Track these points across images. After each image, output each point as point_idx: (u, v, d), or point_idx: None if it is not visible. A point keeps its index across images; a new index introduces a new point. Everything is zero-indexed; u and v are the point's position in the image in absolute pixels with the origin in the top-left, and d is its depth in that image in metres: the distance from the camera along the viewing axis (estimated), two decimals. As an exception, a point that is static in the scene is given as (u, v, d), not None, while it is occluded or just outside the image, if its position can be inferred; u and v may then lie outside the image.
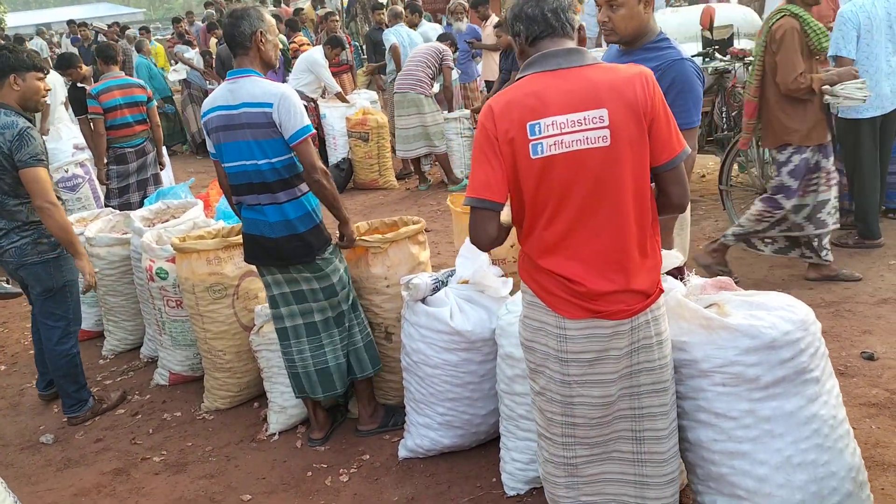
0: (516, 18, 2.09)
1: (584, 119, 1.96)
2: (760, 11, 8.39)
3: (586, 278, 2.03)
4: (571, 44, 2.07)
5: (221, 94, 3.05)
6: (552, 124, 1.96)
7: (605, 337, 2.07)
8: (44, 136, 5.77)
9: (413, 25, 9.15)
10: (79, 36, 14.07)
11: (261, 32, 3.01)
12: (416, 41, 8.56)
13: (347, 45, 9.77)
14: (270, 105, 2.93)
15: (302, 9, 12.75)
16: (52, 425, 3.94)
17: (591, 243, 2.03)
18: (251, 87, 2.99)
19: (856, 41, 4.47)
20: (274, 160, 3.01)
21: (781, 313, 2.23)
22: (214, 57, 10.30)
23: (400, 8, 9.07)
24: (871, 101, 4.48)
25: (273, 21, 3.14)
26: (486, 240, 2.10)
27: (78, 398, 3.91)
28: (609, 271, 2.04)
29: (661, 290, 2.17)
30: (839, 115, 4.65)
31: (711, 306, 2.33)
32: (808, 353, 2.22)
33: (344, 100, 8.39)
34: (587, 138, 1.97)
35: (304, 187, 3.10)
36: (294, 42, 10.13)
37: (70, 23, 16.86)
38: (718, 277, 2.51)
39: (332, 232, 3.28)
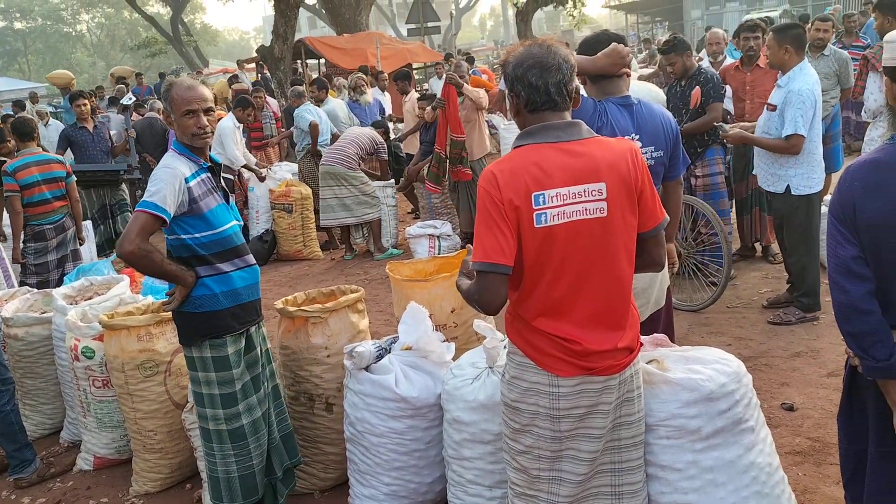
0: (518, 81, 2.13)
1: (585, 191, 2.08)
2: (662, 86, 8.97)
3: (582, 337, 2.11)
4: (569, 115, 2.18)
5: None
6: (556, 196, 2.06)
7: (595, 392, 2.15)
8: None
9: (319, 101, 9.24)
10: None
11: (165, 113, 2.96)
12: (322, 117, 8.69)
13: (273, 117, 9.82)
14: None
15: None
16: (-35, 520, 3.68)
17: (587, 305, 2.13)
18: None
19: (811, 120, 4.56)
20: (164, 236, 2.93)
21: (716, 366, 2.37)
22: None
23: (302, 88, 9.19)
24: (819, 176, 4.64)
25: (182, 97, 2.87)
26: (498, 303, 2.10)
27: (20, 458, 3.89)
28: (602, 331, 2.14)
29: (641, 344, 2.29)
30: (791, 193, 4.67)
31: (651, 362, 2.46)
32: (742, 404, 2.36)
33: (257, 173, 8.16)
34: (587, 209, 2.08)
35: (202, 270, 2.89)
36: (211, 115, 10.14)
37: None
38: (655, 335, 2.64)
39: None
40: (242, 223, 3.19)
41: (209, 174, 2.98)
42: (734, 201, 6.07)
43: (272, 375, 3.26)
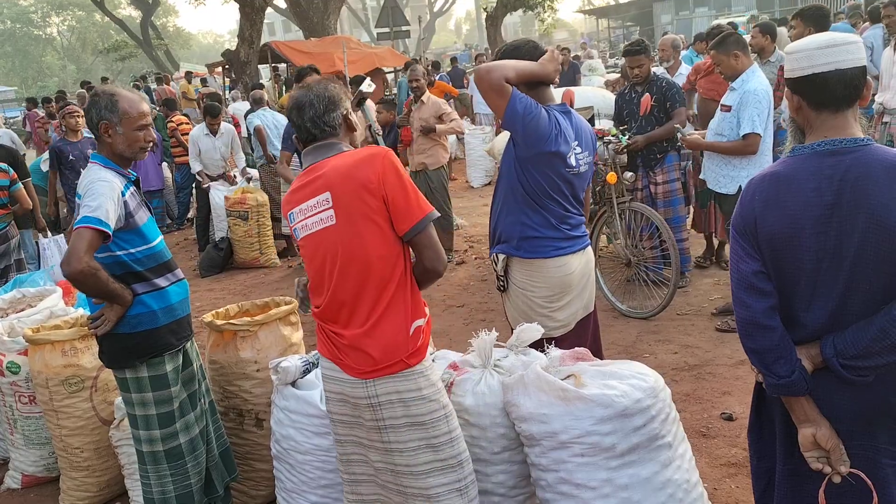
0: (289, 118, 2.40)
1: (316, 203, 2.27)
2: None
3: (340, 333, 2.30)
4: (333, 139, 2.36)
5: None
6: (299, 212, 2.32)
7: (351, 405, 2.35)
8: None
9: None
10: None
11: (105, 125, 2.75)
12: (280, 122, 8.59)
13: (232, 121, 9.74)
14: (80, 196, 2.70)
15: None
16: None
17: (343, 309, 2.29)
18: (82, 177, 2.77)
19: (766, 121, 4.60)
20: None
21: (633, 381, 2.32)
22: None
23: (262, 93, 9.12)
24: None
25: (137, 111, 2.77)
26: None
27: None
28: (356, 334, 2.26)
29: (406, 364, 2.26)
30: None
31: (569, 377, 2.40)
32: (659, 420, 2.31)
33: (201, 182, 8.34)
34: (320, 220, 2.26)
35: (138, 287, 2.76)
36: (172, 122, 10.06)
37: None
38: (576, 349, 2.59)
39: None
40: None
41: (135, 187, 2.89)
42: (696, 192, 6.06)
43: (208, 391, 3.17)
